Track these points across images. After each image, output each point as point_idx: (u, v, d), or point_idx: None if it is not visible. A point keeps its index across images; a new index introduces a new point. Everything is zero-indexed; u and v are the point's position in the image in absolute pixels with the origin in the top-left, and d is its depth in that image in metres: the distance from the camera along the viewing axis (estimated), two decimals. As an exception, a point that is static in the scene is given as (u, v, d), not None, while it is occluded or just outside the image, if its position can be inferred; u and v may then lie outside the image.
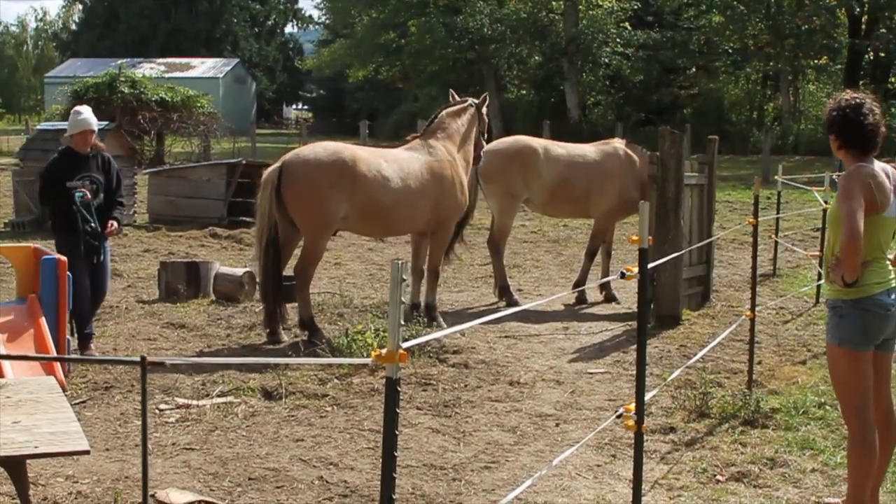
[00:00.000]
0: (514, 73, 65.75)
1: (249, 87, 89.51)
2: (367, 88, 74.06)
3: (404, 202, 11.36)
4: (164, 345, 10.79)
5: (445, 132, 12.04)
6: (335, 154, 11.08)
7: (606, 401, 9.03)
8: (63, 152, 10.47)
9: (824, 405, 8.66)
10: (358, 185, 10.97)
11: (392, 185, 11.24)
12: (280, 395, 8.86)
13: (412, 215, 11.57)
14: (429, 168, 11.62)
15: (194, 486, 6.75)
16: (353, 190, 10.95)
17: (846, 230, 5.79)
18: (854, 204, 5.85)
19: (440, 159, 11.75)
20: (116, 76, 37.27)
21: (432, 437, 7.93)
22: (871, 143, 6.13)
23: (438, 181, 11.63)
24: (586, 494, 6.78)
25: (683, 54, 57.84)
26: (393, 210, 11.31)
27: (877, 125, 6.12)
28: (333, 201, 10.89)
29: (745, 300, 10.90)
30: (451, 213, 11.98)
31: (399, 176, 11.34)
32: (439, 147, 11.87)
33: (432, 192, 11.59)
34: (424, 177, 11.55)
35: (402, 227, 12.00)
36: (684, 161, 12.61)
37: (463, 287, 14.72)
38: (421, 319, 11.60)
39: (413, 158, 11.67)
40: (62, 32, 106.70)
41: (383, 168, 11.25)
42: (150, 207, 22.16)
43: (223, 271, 13.38)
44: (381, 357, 3.82)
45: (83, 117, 10.33)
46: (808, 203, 22.49)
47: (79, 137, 10.31)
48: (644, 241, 5.76)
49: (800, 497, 6.75)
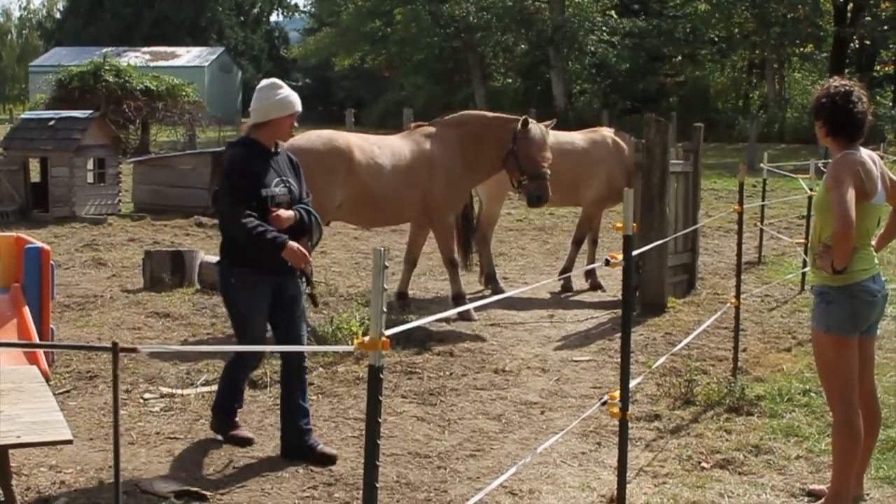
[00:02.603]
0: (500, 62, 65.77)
1: (235, 75, 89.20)
2: (352, 77, 73.93)
3: (394, 191, 11.32)
4: (148, 334, 10.75)
5: (456, 128, 11.71)
6: (329, 142, 11.10)
7: (591, 388, 9.03)
8: (248, 145, 7.14)
9: (809, 392, 8.67)
10: (352, 173, 10.98)
11: (384, 173, 11.23)
12: (264, 384, 8.83)
13: (401, 204, 11.52)
14: (420, 157, 11.50)
15: (178, 476, 6.73)
16: (347, 178, 10.96)
17: (840, 218, 5.79)
18: (845, 191, 5.85)
19: (433, 150, 11.55)
20: (101, 65, 37.13)
21: (417, 425, 7.92)
22: (859, 131, 6.14)
23: (428, 171, 11.49)
24: (571, 482, 6.78)
25: (669, 42, 57.89)
26: (383, 198, 11.30)
27: (865, 113, 6.13)
28: (328, 189, 10.88)
29: (731, 288, 10.92)
30: (443, 206, 11.72)
31: (390, 163, 11.32)
32: (437, 139, 11.64)
33: (421, 182, 11.49)
34: (414, 166, 11.46)
35: (393, 216, 11.98)
36: (670, 149, 12.61)
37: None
38: (406, 308, 11.63)
39: (405, 147, 11.59)
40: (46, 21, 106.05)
41: (376, 155, 11.25)
42: (134, 196, 22.08)
43: (208, 260, 13.32)
44: (363, 345, 3.80)
45: (285, 94, 7.09)
46: (793, 191, 22.52)
47: (279, 124, 7.10)
48: (628, 229, 5.75)
49: (784, 483, 6.76)
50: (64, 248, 16.43)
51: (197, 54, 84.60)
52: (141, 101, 36.37)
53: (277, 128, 7.07)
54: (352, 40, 65.87)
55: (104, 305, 12.05)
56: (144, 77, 38.03)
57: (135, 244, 17.19)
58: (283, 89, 7.08)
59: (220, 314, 11.55)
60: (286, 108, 7.03)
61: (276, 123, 7.03)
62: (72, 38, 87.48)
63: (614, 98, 57.35)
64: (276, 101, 7.02)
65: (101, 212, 20.41)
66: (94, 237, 17.74)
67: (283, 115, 7.02)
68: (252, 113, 7.09)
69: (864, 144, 6.30)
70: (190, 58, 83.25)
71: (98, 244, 16.99)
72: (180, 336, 10.69)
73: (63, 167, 19.90)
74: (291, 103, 7.05)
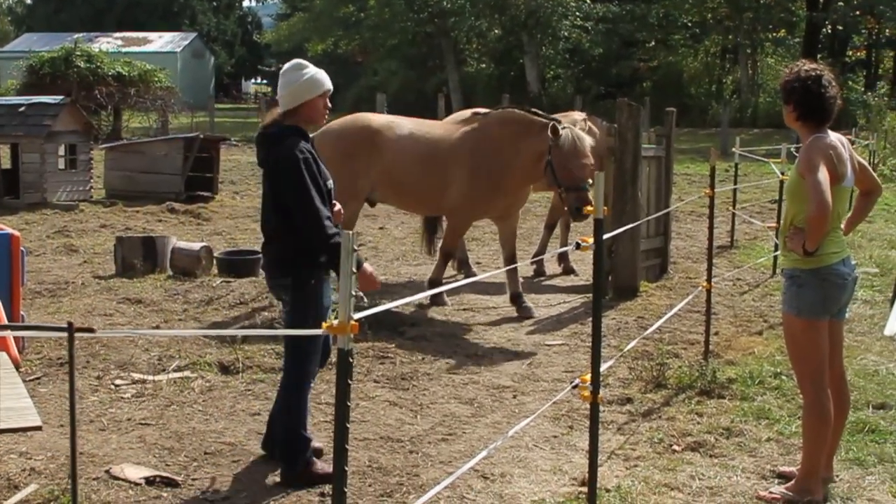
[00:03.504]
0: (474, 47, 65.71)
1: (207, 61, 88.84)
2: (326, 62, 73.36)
3: (417, 176, 11.25)
4: (120, 320, 10.70)
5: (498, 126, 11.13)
6: (356, 124, 11.38)
7: (564, 372, 9.05)
8: (300, 133, 6.48)
9: (780, 375, 8.71)
10: (375, 156, 11.08)
11: (409, 158, 11.19)
12: (237, 369, 8.82)
13: (428, 192, 11.42)
14: (451, 148, 11.22)
15: (149, 462, 6.70)
16: (371, 161, 11.10)
17: (816, 201, 5.80)
18: (820, 175, 5.86)
19: (468, 145, 11.15)
20: (72, 51, 36.91)
21: (389, 409, 7.92)
22: (829, 115, 6.15)
23: (458, 165, 11.14)
24: (543, 465, 6.79)
25: (643, 28, 57.95)
26: (407, 183, 11.32)
27: (835, 98, 6.14)
28: (352, 171, 11.02)
29: (703, 272, 10.94)
30: (466, 205, 11.33)
31: (419, 150, 11.21)
32: (477, 134, 11.18)
33: (448, 173, 11.20)
34: (442, 156, 11.21)
35: (422, 203, 11.92)
36: (642, 133, 12.63)
37: (422, 260, 14.68)
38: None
39: (442, 134, 11.43)
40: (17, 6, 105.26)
41: (405, 140, 11.22)
42: (106, 182, 21.93)
43: (180, 246, 13.28)
44: (332, 328, 3.79)
45: (311, 73, 6.48)
46: (765, 175, 22.58)
47: (312, 106, 6.50)
48: (599, 212, 5.75)
49: (755, 466, 6.79)
50: (35, 235, 16.34)
51: (169, 40, 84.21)
52: (113, 87, 36.19)
53: (311, 110, 6.48)
54: (325, 25, 65.61)
55: (75, 292, 11.99)
56: (116, 63, 37.83)
57: (106, 230, 17.10)
58: (308, 68, 6.48)
59: (192, 300, 11.52)
60: (316, 88, 6.44)
61: (308, 106, 6.45)
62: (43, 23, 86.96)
63: (588, 83, 57.41)
64: (304, 83, 6.42)
65: (73, 198, 20.28)
66: (66, 223, 17.64)
67: (314, 96, 6.44)
68: (280, 100, 6.51)
69: (835, 129, 6.32)
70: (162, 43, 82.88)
71: (69, 230, 16.90)
72: (152, 322, 10.65)
73: (34, 153, 19.75)
74: (320, 81, 6.46)
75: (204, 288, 12.11)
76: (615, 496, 6.17)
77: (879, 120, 33.34)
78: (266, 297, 11.30)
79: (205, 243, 13.60)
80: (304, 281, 6.33)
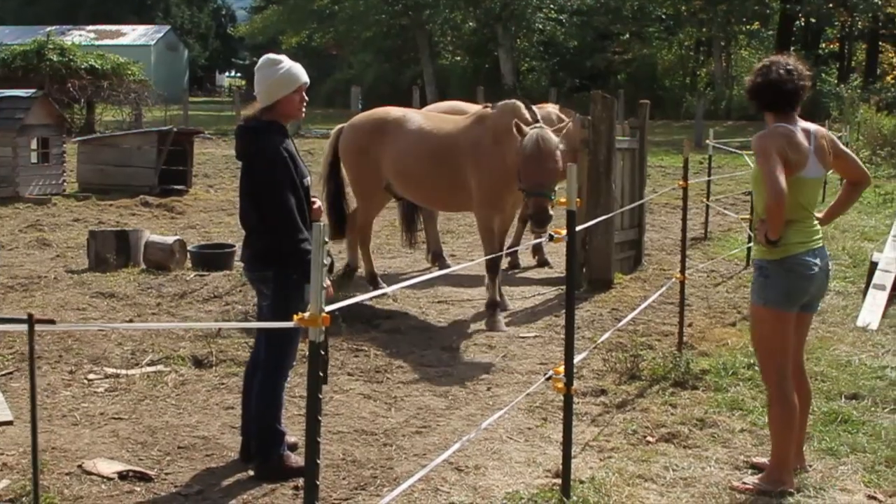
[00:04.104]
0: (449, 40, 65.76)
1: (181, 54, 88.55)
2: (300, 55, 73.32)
3: (426, 170, 11.03)
4: (93, 314, 10.65)
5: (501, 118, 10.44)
6: (370, 119, 11.52)
7: (538, 364, 9.05)
8: (278, 130, 6.43)
9: (753, 366, 8.72)
10: (386, 151, 11.08)
11: (416, 153, 11.01)
12: (210, 363, 8.79)
13: (439, 187, 11.07)
14: (460, 141, 10.75)
15: (122, 456, 6.67)
16: (382, 155, 11.18)
17: (769, 189, 5.83)
18: (772, 163, 5.88)
19: (478, 137, 10.59)
20: (45, 44, 36.73)
21: (364, 402, 7.90)
22: (786, 102, 6.13)
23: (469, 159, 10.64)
24: (517, 457, 6.79)
25: (617, 20, 58.11)
26: (418, 176, 11.14)
27: (792, 84, 6.10)
28: (364, 165, 11.26)
29: (677, 263, 10.96)
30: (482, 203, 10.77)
31: (429, 146, 10.94)
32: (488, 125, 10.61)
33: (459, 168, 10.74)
34: (451, 149, 10.78)
35: (436, 200, 11.72)
36: (616, 125, 12.65)
37: (396, 253, 14.68)
38: None
39: (454, 127, 11.01)
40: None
41: (413, 135, 11.08)
42: (79, 176, 21.82)
43: (153, 240, 13.22)
44: (303, 321, 3.78)
45: (287, 68, 6.37)
46: (739, 167, 22.67)
47: (289, 102, 6.41)
48: (571, 204, 5.76)
49: (728, 456, 6.81)
50: (7, 229, 16.25)
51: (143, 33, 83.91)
52: (86, 80, 36.02)
53: (288, 106, 6.40)
54: (299, 18, 65.53)
55: (48, 286, 11.92)
56: (89, 56, 37.65)
57: (79, 224, 17.02)
58: (283, 63, 6.37)
59: (166, 294, 11.47)
60: (291, 83, 6.35)
61: (285, 102, 6.37)
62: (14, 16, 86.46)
63: (562, 76, 57.54)
64: (279, 79, 6.33)
65: (46, 192, 20.17)
66: (39, 217, 17.54)
67: (290, 92, 6.35)
68: (257, 96, 6.41)
69: (809, 121, 6.32)
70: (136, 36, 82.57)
71: (42, 224, 16.81)
72: (125, 316, 10.59)
73: (6, 147, 19.61)
74: (295, 76, 6.36)
75: (177, 282, 12.06)
76: (589, 488, 6.17)
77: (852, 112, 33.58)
78: (240, 291, 11.27)
79: (178, 237, 13.55)
80: (287, 274, 6.24)
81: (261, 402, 6.49)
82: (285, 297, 6.24)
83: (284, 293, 6.27)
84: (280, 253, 6.23)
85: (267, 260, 6.33)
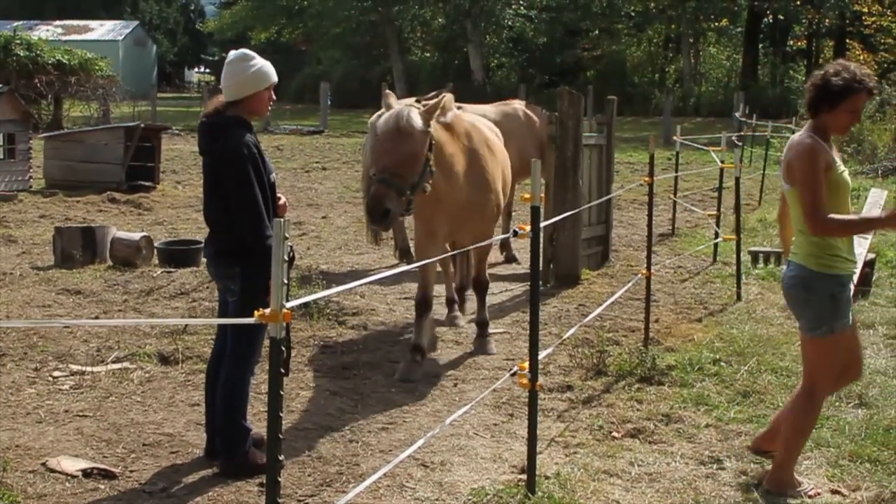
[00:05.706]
0: (418, 35, 65.82)
1: (150, 50, 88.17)
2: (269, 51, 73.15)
3: None
4: (58, 311, 10.59)
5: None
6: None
7: (505, 360, 9.07)
8: (245, 125, 6.36)
9: (719, 362, 8.79)
10: None
11: None
12: (176, 359, 8.76)
13: None
14: None
15: (87, 454, 6.64)
16: None
17: None
18: None
19: None
20: (11, 39, 36.43)
21: (330, 399, 7.89)
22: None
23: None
24: (483, 453, 6.80)
25: (586, 16, 58.29)
26: None
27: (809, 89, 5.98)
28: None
29: (644, 259, 11.00)
30: None
31: None
32: None
33: None
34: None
35: None
36: (583, 121, 12.67)
37: (364, 250, 14.66)
38: None
39: None
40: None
41: None
42: (46, 172, 21.64)
43: (120, 236, 13.17)
44: (264, 317, 3.77)
45: (259, 66, 6.33)
46: (707, 164, 22.76)
47: (258, 99, 6.38)
48: (536, 200, 5.77)
49: (694, 451, 6.84)
50: (-27, 226, 16.13)
51: (111, 28, 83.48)
52: (53, 76, 35.76)
53: (257, 103, 6.37)
54: (268, 14, 65.44)
55: (13, 283, 11.84)
56: (57, 51, 37.39)
57: (46, 221, 16.91)
58: (255, 60, 6.32)
59: (132, 290, 11.42)
60: (263, 81, 6.33)
61: (254, 98, 6.33)
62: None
63: (532, 72, 57.63)
64: (251, 75, 6.29)
65: (12, 188, 20.03)
66: (4, 214, 17.42)
67: (260, 90, 6.33)
68: (224, 90, 6.35)
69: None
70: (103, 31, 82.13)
71: (8, 221, 16.69)
72: (91, 313, 10.55)
73: (-29, 143, 19.51)
74: (267, 74, 6.34)
75: (144, 278, 12.02)
76: (554, 483, 6.18)
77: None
78: (207, 287, 11.23)
79: (145, 233, 13.49)
80: (254, 271, 6.18)
81: (226, 398, 6.47)
82: (252, 293, 6.18)
83: (251, 290, 6.21)
84: (247, 249, 6.20)
85: (234, 256, 6.29)
